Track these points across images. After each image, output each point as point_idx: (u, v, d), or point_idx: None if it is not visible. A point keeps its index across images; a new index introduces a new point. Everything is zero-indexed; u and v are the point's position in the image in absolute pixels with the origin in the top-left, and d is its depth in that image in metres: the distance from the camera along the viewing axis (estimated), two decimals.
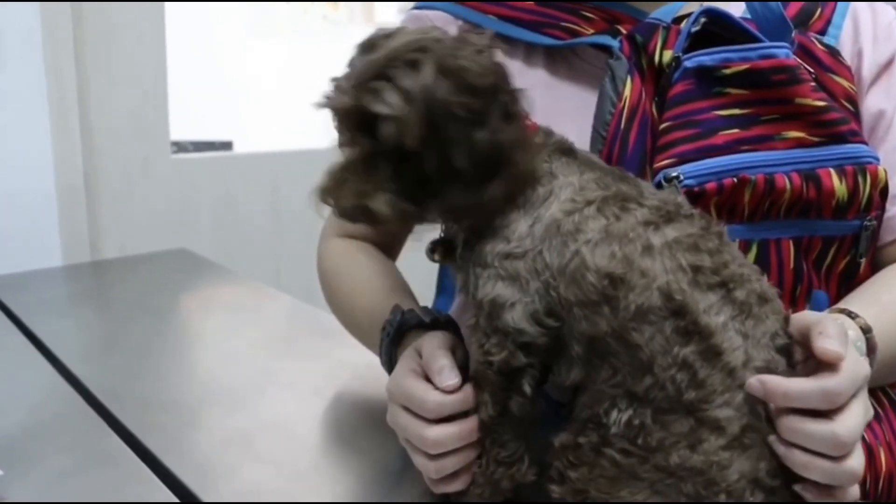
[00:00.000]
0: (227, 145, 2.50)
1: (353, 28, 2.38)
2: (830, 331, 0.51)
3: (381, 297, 0.83)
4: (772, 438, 0.52)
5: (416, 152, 0.55)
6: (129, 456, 0.73)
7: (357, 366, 0.92)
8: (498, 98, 0.56)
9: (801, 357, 0.54)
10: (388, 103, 0.53)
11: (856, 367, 0.52)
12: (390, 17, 2.34)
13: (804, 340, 0.53)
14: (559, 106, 0.73)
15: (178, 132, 1.92)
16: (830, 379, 0.50)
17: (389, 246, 0.94)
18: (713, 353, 0.53)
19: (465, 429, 0.60)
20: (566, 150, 0.61)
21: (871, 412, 0.55)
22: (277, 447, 0.75)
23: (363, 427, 0.79)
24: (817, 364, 0.52)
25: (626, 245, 0.55)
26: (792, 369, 0.55)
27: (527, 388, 0.59)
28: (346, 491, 0.69)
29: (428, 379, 0.62)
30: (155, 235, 1.78)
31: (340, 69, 0.60)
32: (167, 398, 0.85)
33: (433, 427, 0.60)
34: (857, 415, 0.51)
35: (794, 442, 0.51)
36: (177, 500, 0.66)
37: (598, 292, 0.55)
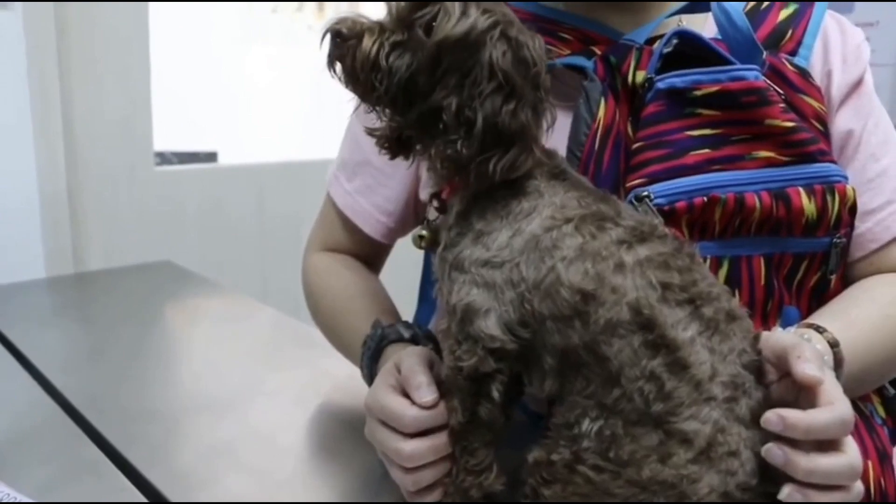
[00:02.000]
0: (211, 156, 2.50)
1: None
2: (808, 355, 0.52)
3: (364, 311, 0.85)
4: (785, 493, 0.51)
5: (430, 60, 0.58)
6: (109, 468, 0.73)
7: (339, 376, 0.93)
8: (534, 91, 0.59)
9: (775, 377, 0.56)
10: (445, 4, 0.58)
11: (840, 389, 0.53)
12: None
13: (779, 362, 0.55)
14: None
15: (162, 142, 1.91)
16: (839, 407, 0.51)
17: (373, 259, 0.95)
18: (680, 366, 0.54)
19: (440, 442, 0.62)
20: (558, 174, 0.63)
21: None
22: (260, 457, 0.76)
23: (345, 437, 0.80)
24: (794, 386, 0.53)
25: (598, 263, 0.56)
26: (763, 388, 0.56)
27: (495, 394, 0.60)
28: (327, 500, 0.70)
29: (406, 394, 0.63)
30: (139, 247, 1.78)
31: (326, 78, 0.62)
32: (149, 408, 0.86)
33: (409, 441, 0.62)
34: (852, 439, 0.53)
35: (814, 481, 0.51)
36: None
37: (570, 307, 0.56)
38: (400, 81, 0.59)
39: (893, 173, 0.78)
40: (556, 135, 0.73)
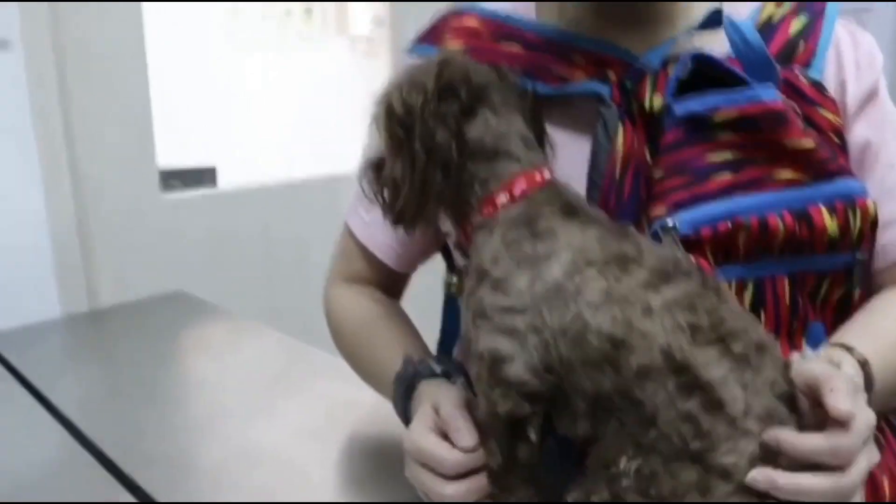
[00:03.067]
0: (210, 172, 2.50)
1: (329, 41, 2.38)
2: (840, 387, 0.53)
3: (388, 341, 0.85)
4: None
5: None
6: None
7: (363, 406, 0.95)
8: (407, 142, 0.63)
9: (808, 406, 0.56)
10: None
11: (865, 421, 0.53)
12: (364, 29, 2.36)
13: (811, 392, 0.55)
14: (555, 154, 0.74)
15: (161, 159, 1.91)
16: (842, 438, 0.52)
17: (393, 287, 0.95)
18: (715, 405, 0.54)
19: (480, 484, 0.62)
20: (571, 211, 0.62)
21: (877, 456, 0.56)
22: (293, 497, 0.76)
23: (376, 471, 0.81)
24: (826, 415, 0.53)
25: (626, 308, 0.56)
26: (796, 415, 0.56)
27: (532, 436, 0.61)
28: None
29: (445, 436, 0.64)
30: (150, 276, 1.78)
31: (320, 85, 0.67)
32: (177, 453, 0.86)
33: (451, 484, 0.62)
34: (862, 467, 0.53)
35: (798, 500, 0.52)
36: None
37: (600, 353, 0.56)
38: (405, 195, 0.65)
39: None
40: (574, 163, 0.74)
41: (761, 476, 0.53)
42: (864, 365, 0.65)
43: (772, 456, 0.54)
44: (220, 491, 0.79)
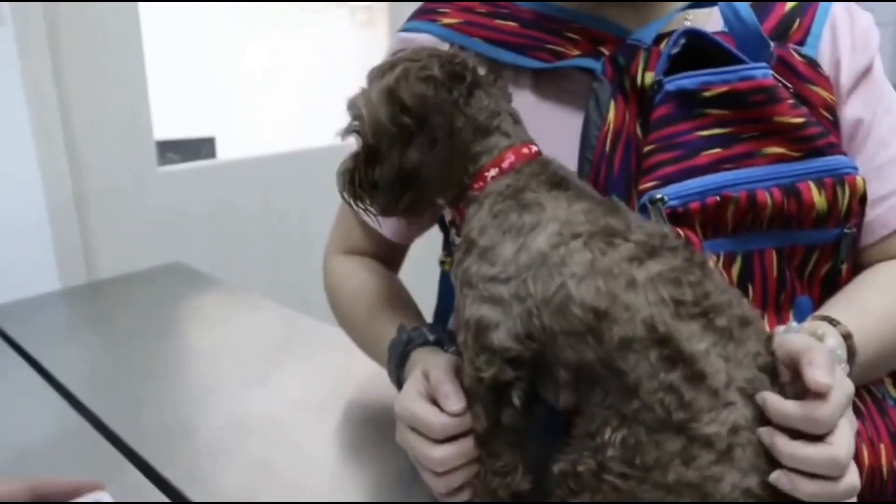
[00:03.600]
0: (209, 143, 2.49)
1: (328, 11, 2.35)
2: (819, 360, 0.54)
3: (385, 312, 0.87)
4: (774, 476, 0.54)
5: (377, 151, 0.66)
6: (144, 484, 0.75)
7: (360, 378, 0.96)
8: (427, 124, 0.63)
9: (789, 378, 0.57)
10: (355, 104, 0.68)
11: (842, 392, 0.54)
12: None
13: (792, 364, 0.56)
14: (547, 127, 0.75)
15: (159, 130, 1.90)
16: (819, 408, 0.53)
17: (391, 259, 0.97)
18: (697, 377, 0.55)
19: (467, 447, 0.65)
20: (558, 183, 0.64)
21: (856, 423, 0.58)
22: (294, 470, 0.78)
23: (373, 441, 0.82)
24: (805, 388, 0.54)
25: (610, 280, 0.57)
26: (778, 387, 0.57)
27: (516, 401, 0.63)
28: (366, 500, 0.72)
29: (434, 402, 0.66)
30: (148, 248, 1.79)
31: (320, 54, 0.68)
32: (177, 424, 0.87)
33: (439, 447, 0.65)
34: (847, 434, 0.54)
35: (795, 467, 0.53)
36: None
37: (583, 324, 0.58)
38: (390, 185, 0.66)
39: None
40: (567, 136, 0.75)
41: (767, 434, 0.55)
42: (847, 338, 0.67)
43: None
44: (217, 460, 0.80)
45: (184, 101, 2.18)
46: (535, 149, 0.67)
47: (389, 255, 0.96)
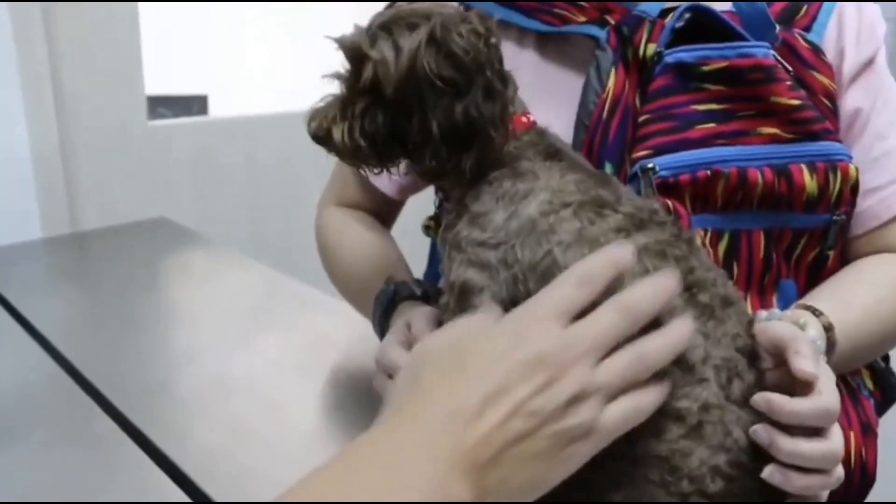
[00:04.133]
0: (201, 99, 2.45)
1: None
2: (805, 350, 0.53)
3: (377, 268, 0.87)
4: (767, 472, 0.53)
5: (392, 103, 0.61)
6: (119, 435, 0.74)
7: (338, 341, 0.96)
8: (481, 77, 0.60)
9: (772, 364, 0.57)
10: (379, 50, 0.61)
11: (832, 381, 0.55)
12: None
13: (776, 352, 0.56)
14: (547, 89, 0.76)
15: (152, 86, 1.88)
16: (826, 400, 0.52)
17: (385, 215, 0.97)
18: None
19: None
20: (553, 153, 0.63)
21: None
22: (270, 429, 0.77)
23: (349, 403, 0.83)
24: (789, 376, 0.54)
25: (596, 249, 0.57)
26: (755, 370, 0.57)
27: None
28: None
29: None
30: (133, 202, 1.77)
31: (313, 18, 0.64)
32: (155, 380, 0.87)
33: None
34: (839, 428, 0.54)
35: (796, 463, 0.52)
36: (170, 482, 0.68)
37: None
38: (384, 138, 0.63)
39: None
40: (566, 99, 0.75)
41: (764, 432, 0.53)
42: (828, 329, 0.67)
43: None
44: (193, 418, 0.80)
45: (179, 57, 2.15)
46: (532, 118, 0.66)
47: (385, 211, 0.96)
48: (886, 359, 0.84)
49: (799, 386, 0.53)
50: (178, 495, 0.67)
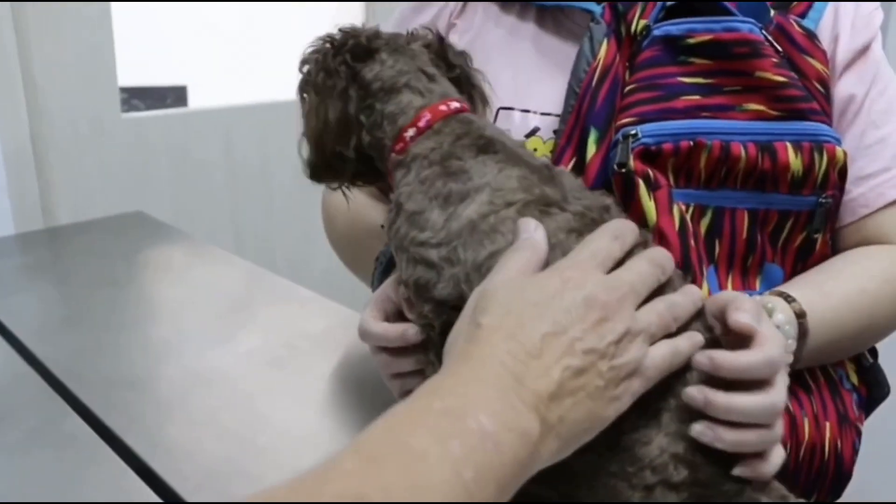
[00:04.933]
0: (180, 90, 2.40)
1: None
2: (744, 305, 0.51)
3: (381, 236, 0.85)
4: (697, 430, 0.51)
5: None
6: (89, 434, 0.72)
7: (315, 336, 0.94)
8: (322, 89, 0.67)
9: (720, 330, 0.54)
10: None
11: (777, 336, 0.52)
12: None
13: (721, 316, 0.53)
14: (544, 59, 0.79)
15: (127, 77, 1.84)
16: (769, 348, 0.50)
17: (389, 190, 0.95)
18: None
19: (421, 359, 0.63)
20: (485, 146, 0.61)
21: (788, 380, 0.54)
22: (240, 423, 0.75)
23: (324, 399, 0.81)
24: (734, 337, 0.52)
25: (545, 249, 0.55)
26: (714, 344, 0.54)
27: None
28: (309, 465, 0.70)
29: (400, 313, 0.65)
30: (108, 196, 1.74)
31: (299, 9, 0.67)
32: (128, 375, 0.85)
33: (380, 353, 0.65)
34: (784, 382, 0.52)
35: (732, 419, 0.50)
36: (140, 481, 0.66)
37: None
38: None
39: (893, 141, 0.78)
40: (561, 69, 0.77)
41: (699, 393, 0.50)
42: (800, 316, 0.66)
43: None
44: (169, 413, 0.78)
45: (155, 49, 2.11)
46: (454, 105, 0.65)
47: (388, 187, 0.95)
48: (875, 355, 0.83)
49: (740, 340, 0.51)
50: (149, 495, 0.65)
